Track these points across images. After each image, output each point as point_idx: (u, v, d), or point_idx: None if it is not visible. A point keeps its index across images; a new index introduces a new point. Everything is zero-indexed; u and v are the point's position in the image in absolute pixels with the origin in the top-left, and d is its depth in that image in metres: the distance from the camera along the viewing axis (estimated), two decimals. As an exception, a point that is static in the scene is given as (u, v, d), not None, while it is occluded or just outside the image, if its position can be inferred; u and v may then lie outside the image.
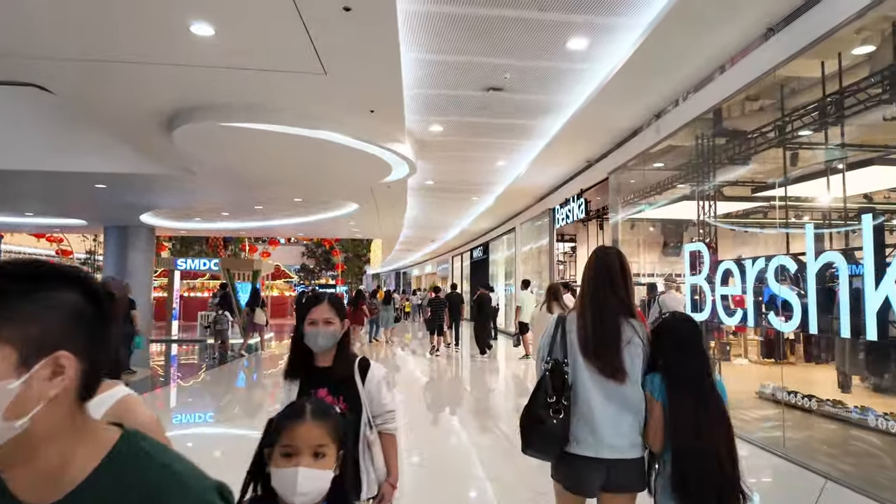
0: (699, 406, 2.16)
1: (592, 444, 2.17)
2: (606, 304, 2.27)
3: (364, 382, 2.28)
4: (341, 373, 2.26)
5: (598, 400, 2.18)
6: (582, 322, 2.27)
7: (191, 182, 11.94)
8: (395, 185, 11.67)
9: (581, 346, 2.24)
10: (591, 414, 2.18)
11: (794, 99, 6.93)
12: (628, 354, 2.21)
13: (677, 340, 2.25)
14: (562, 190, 11.88)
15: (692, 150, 7.64)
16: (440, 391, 9.69)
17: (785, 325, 5.78)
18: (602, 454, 2.16)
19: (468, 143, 9.20)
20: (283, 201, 15.13)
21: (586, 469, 2.19)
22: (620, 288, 2.31)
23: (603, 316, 2.25)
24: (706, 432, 2.13)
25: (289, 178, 11.08)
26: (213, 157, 9.26)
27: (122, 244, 19.78)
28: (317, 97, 6.73)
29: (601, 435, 2.16)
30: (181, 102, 6.94)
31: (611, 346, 2.21)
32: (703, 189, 7.51)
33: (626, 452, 2.18)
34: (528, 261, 15.93)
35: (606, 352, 2.20)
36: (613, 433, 2.17)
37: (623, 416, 2.18)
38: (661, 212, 9.71)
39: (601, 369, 2.19)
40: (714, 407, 2.19)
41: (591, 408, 2.18)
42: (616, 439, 2.17)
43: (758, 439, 5.82)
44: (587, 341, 2.23)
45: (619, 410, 2.18)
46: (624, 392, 2.19)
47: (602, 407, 2.17)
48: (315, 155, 9.07)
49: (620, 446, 2.17)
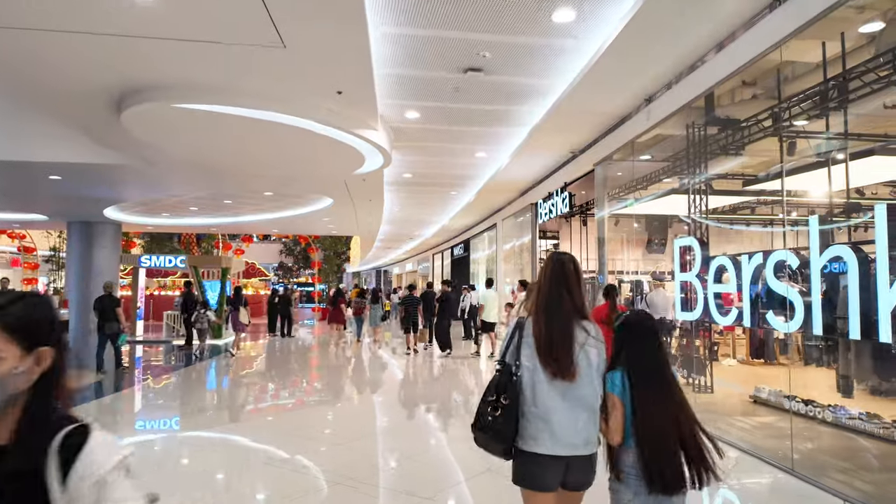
0: (661, 396, 2.29)
1: (550, 443, 2.23)
2: (561, 308, 2.35)
3: (66, 481, 1.15)
4: (17, 462, 1.14)
5: (554, 400, 2.25)
6: (537, 326, 2.34)
7: (151, 173, 11.23)
8: (371, 177, 11.08)
9: (538, 349, 2.30)
10: (548, 414, 2.25)
11: (793, 85, 6.52)
12: (583, 355, 2.30)
13: (637, 336, 2.39)
14: (545, 183, 11.40)
15: (682, 140, 7.18)
16: (414, 388, 9.16)
17: (786, 325, 5.36)
18: (558, 452, 2.24)
19: (446, 132, 8.65)
20: (252, 195, 14.46)
21: (545, 466, 2.25)
22: (574, 292, 2.39)
23: (557, 319, 2.33)
24: (670, 420, 2.27)
25: (254, 168, 10.43)
26: (169, 144, 8.60)
27: (87, 241, 18.89)
28: (277, 75, 6.13)
29: (558, 434, 2.23)
30: (127, 81, 6.29)
31: (565, 347, 2.28)
32: (694, 182, 7.05)
33: (580, 449, 2.26)
34: (510, 258, 15.45)
35: (561, 353, 2.27)
36: (570, 431, 2.24)
37: (578, 415, 2.26)
38: (649, 207, 9.28)
39: (556, 371, 2.26)
40: (676, 395, 2.33)
41: (547, 408, 2.25)
42: (572, 437, 2.24)
43: (760, 450, 5.36)
44: (543, 344, 2.30)
45: (574, 409, 2.26)
46: (578, 391, 2.27)
47: (558, 406, 2.25)
48: (280, 143, 8.45)
49: (576, 443, 2.25)
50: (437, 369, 11.12)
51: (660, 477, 2.23)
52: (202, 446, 6.07)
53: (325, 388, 9.41)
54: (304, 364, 12.49)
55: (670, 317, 8.32)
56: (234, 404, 8.15)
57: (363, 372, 11.23)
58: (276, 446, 5.71)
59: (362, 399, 8.52)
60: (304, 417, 7.27)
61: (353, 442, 5.92)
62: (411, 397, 8.67)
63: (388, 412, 7.67)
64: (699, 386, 7.10)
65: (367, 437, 6.25)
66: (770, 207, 10.17)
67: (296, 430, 6.38)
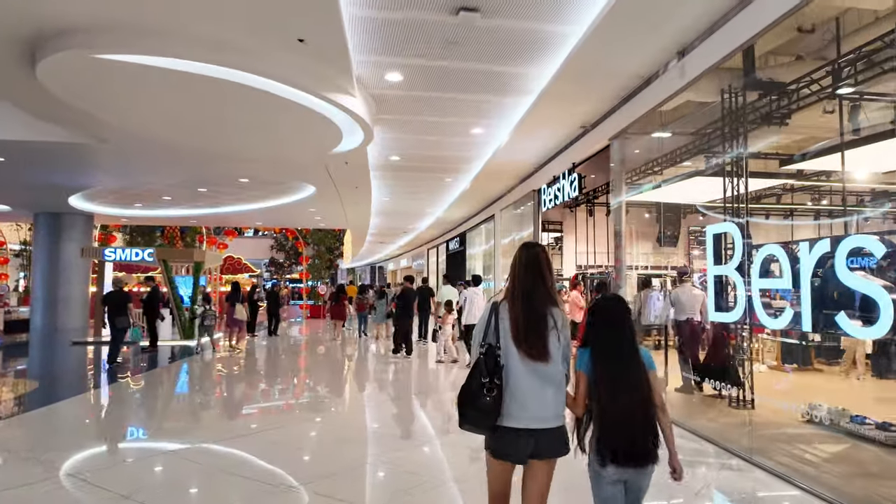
0: (618, 373, 2.45)
1: (521, 417, 2.42)
2: (534, 294, 2.52)
3: None
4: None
5: (525, 379, 2.44)
6: (513, 311, 2.51)
7: (104, 154, 9.99)
8: (353, 159, 9.85)
9: (512, 332, 2.48)
10: (520, 391, 2.44)
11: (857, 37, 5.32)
12: (553, 338, 2.48)
13: (606, 318, 2.56)
14: (550, 166, 10.14)
15: (717, 109, 5.95)
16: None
17: (867, 330, 4.16)
18: (530, 425, 2.42)
19: (437, 101, 7.41)
20: (228, 184, 13.20)
21: (516, 439, 2.43)
22: (546, 279, 2.56)
23: (531, 305, 2.50)
24: (624, 396, 2.42)
25: (216, 146, 9.16)
26: (102, 111, 7.35)
27: (55, 233, 17.60)
28: (220, 14, 4.89)
29: (528, 409, 2.42)
30: (38, 21, 5.04)
31: (537, 332, 2.47)
32: (732, 158, 5.82)
33: (549, 422, 2.44)
34: (510, 252, 14.17)
35: (533, 337, 2.46)
36: (539, 406, 2.43)
37: (546, 391, 2.45)
38: (673, 191, 8.06)
39: (528, 352, 2.44)
40: (633, 374, 2.46)
41: (519, 386, 2.44)
42: (541, 411, 2.43)
43: (833, 494, 4.09)
44: (517, 328, 2.47)
45: (542, 386, 2.45)
46: (547, 371, 2.45)
47: (529, 385, 2.44)
48: (240, 110, 7.20)
49: (545, 417, 2.44)
50: (443, 375, 9.90)
51: (611, 451, 2.38)
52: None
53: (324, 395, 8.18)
54: (308, 367, 11.23)
55: (699, 318, 7.11)
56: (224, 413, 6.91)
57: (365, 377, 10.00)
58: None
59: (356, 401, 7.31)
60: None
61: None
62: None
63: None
64: (736, 400, 5.88)
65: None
66: (826, 188, 8.90)
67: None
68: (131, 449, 5.52)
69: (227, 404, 7.73)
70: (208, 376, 10.02)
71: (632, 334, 2.53)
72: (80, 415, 7.10)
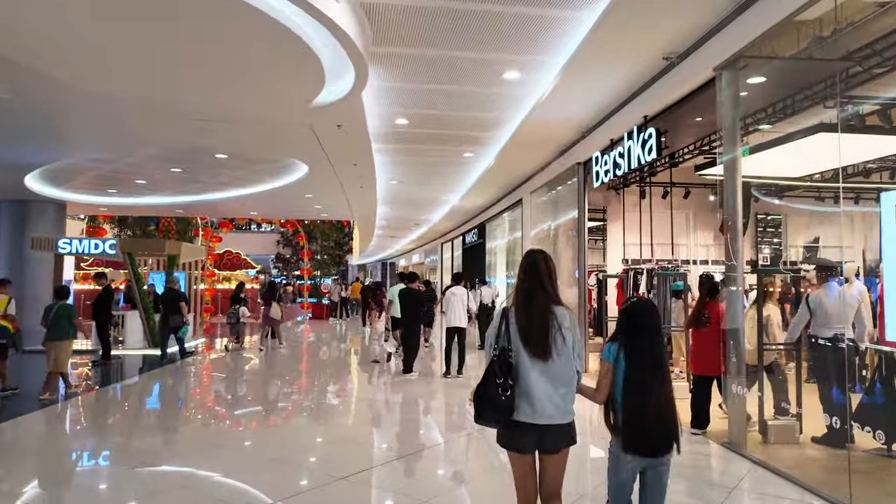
0: (650, 371, 2.57)
1: (530, 413, 2.53)
2: (538, 298, 2.64)
3: None
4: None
5: (534, 377, 2.55)
6: (519, 314, 2.63)
7: (38, 116, 7.83)
8: (347, 118, 7.58)
9: (520, 334, 2.60)
10: (529, 389, 2.55)
11: None
12: (559, 337, 2.57)
13: (642, 324, 2.66)
14: (605, 126, 7.74)
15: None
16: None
17: None
18: (537, 421, 2.54)
19: (457, 19, 5.10)
20: (202, 161, 10.98)
21: (524, 433, 2.55)
22: (548, 284, 2.67)
23: (536, 308, 2.62)
24: (652, 390, 2.55)
25: (166, 93, 6.88)
26: (20, 54, 5.12)
27: (20, 222, 15.51)
28: None
29: (537, 406, 2.53)
30: None
31: (543, 332, 2.57)
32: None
33: (556, 419, 2.55)
34: (542, 245, 11.74)
35: (540, 337, 2.57)
36: (547, 404, 2.54)
37: (556, 389, 2.55)
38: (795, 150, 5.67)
39: (536, 352, 2.56)
40: (661, 372, 2.59)
41: (528, 384, 2.55)
42: (549, 409, 2.54)
43: None
44: (525, 330, 2.59)
45: (551, 384, 2.55)
46: (555, 369, 2.56)
47: (538, 383, 2.54)
48: (188, 31, 4.94)
49: (552, 414, 2.54)
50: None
51: (633, 441, 2.55)
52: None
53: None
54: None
55: (852, 333, 4.74)
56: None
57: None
58: None
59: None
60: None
61: None
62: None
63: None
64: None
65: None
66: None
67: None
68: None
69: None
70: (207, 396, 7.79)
71: (663, 339, 2.83)
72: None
